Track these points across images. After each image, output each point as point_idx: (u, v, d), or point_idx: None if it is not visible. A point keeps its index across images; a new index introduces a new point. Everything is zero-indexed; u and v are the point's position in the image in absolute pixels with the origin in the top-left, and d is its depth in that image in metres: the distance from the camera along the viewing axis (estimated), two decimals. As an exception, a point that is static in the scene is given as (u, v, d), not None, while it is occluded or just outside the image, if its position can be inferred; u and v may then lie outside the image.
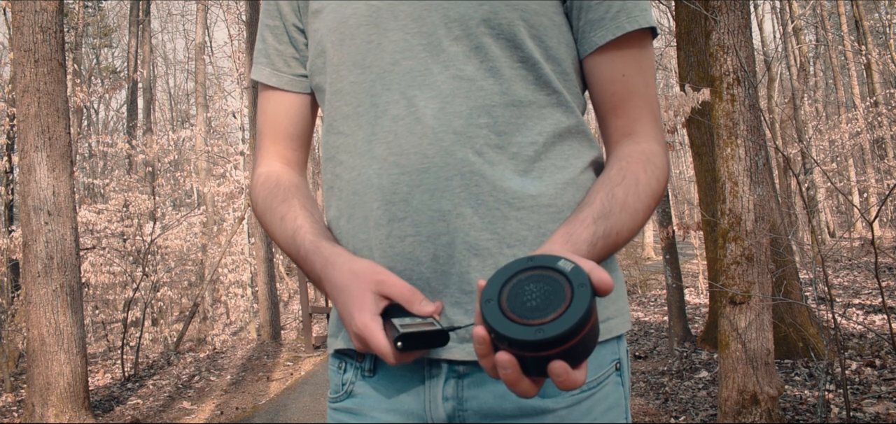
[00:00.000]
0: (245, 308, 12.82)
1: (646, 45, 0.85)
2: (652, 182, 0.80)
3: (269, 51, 0.95)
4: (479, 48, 0.79)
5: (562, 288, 0.58)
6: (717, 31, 3.29)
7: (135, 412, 5.89)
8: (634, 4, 0.82)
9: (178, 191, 16.35)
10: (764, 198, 3.29)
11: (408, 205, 0.78)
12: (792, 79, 16.20)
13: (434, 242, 0.78)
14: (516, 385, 0.59)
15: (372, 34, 0.83)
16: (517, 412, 0.79)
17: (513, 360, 0.57)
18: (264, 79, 0.95)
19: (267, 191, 0.91)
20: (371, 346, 0.71)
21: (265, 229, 0.92)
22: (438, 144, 0.78)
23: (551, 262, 0.60)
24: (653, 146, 0.83)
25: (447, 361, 0.80)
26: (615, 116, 0.85)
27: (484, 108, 0.79)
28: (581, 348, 0.57)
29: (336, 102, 0.86)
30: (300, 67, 0.94)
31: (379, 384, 0.84)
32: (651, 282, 12.96)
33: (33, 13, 4.86)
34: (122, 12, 22.05)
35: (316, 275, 0.81)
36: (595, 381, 0.82)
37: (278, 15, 0.94)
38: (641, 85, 0.84)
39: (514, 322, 0.57)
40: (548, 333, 0.55)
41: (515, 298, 0.59)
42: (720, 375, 3.35)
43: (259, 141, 0.98)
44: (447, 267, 0.78)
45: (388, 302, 0.74)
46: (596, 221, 0.74)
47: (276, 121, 0.95)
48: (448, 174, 0.78)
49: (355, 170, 0.83)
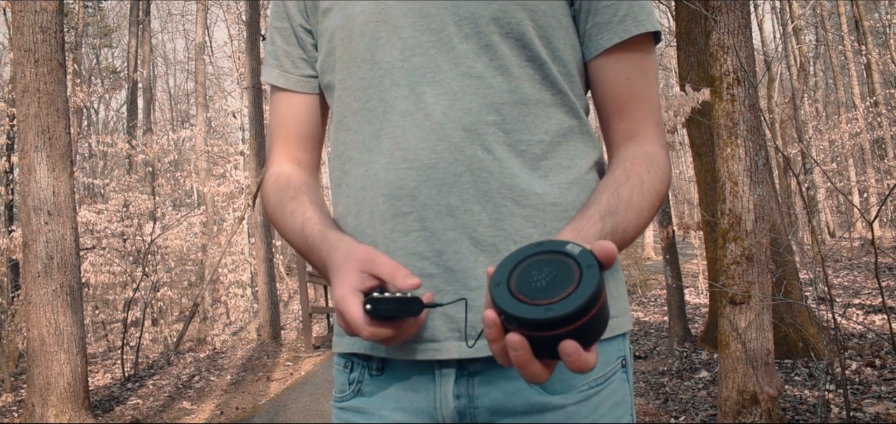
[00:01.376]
0: (245, 308, 12.82)
1: (650, 50, 0.87)
2: (655, 182, 0.81)
3: (278, 52, 0.95)
4: (489, 46, 0.80)
5: (570, 270, 0.58)
6: (717, 31, 3.29)
7: (135, 412, 5.89)
8: (640, 9, 0.84)
9: (178, 191, 16.35)
10: (764, 198, 3.29)
11: (414, 200, 0.79)
12: (792, 79, 16.20)
13: (440, 238, 0.78)
14: (527, 367, 0.59)
15: (381, 31, 0.83)
16: (527, 408, 0.79)
17: (523, 341, 0.57)
18: (274, 81, 0.95)
19: (278, 189, 0.92)
20: (346, 317, 0.71)
21: (276, 227, 0.92)
22: (447, 140, 0.78)
23: (560, 247, 0.60)
24: (655, 148, 0.85)
25: (457, 360, 0.80)
26: (619, 118, 0.86)
27: (493, 106, 0.80)
28: (591, 328, 0.57)
29: (345, 98, 0.86)
30: (308, 68, 0.94)
31: (387, 382, 0.84)
32: (651, 282, 12.96)
33: (33, 13, 4.86)
34: (122, 12, 22.06)
35: (322, 263, 0.81)
36: (603, 377, 0.82)
37: (286, 16, 0.95)
38: (645, 88, 0.86)
39: (524, 302, 0.57)
40: (557, 311, 0.55)
41: (524, 281, 0.59)
42: (720, 375, 3.35)
43: (270, 142, 0.98)
44: (452, 263, 0.78)
45: (377, 281, 0.73)
46: (603, 218, 0.74)
47: (287, 122, 0.96)
48: (457, 170, 0.78)
49: (363, 166, 0.83)
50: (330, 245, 0.80)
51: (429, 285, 0.79)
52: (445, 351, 0.79)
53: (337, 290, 0.73)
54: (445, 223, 0.78)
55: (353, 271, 0.73)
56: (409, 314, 0.70)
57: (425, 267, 0.78)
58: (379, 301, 0.69)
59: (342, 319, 0.72)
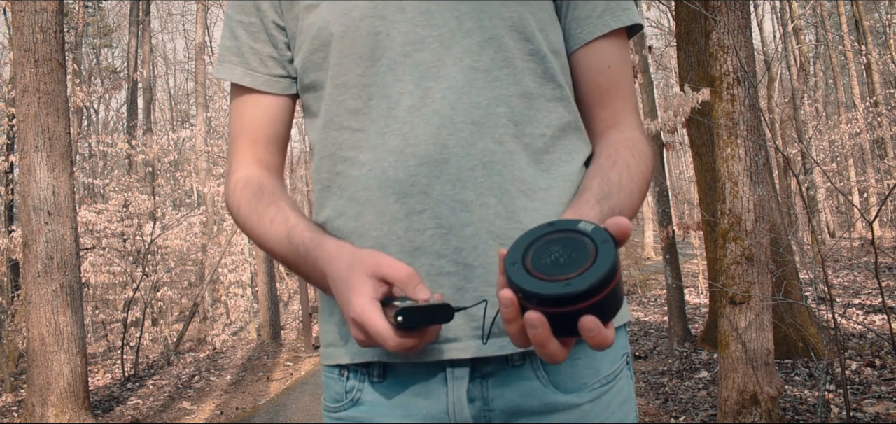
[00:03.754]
0: (245, 308, 12.82)
1: (626, 40, 0.89)
2: (641, 165, 0.82)
3: (243, 49, 0.90)
4: (493, 39, 0.80)
5: (585, 247, 0.58)
6: (717, 31, 3.29)
7: (135, 412, 5.89)
8: (617, 5, 0.86)
9: (178, 191, 16.34)
10: (764, 198, 3.29)
11: (427, 197, 0.77)
12: (792, 79, 16.19)
13: (457, 234, 0.76)
14: (546, 345, 0.58)
15: (379, 26, 0.80)
16: (543, 408, 0.78)
17: (542, 318, 0.56)
18: (237, 79, 0.90)
19: (249, 194, 0.87)
20: (369, 330, 0.67)
21: (250, 235, 0.87)
22: (458, 134, 0.77)
23: (572, 225, 0.60)
24: (636, 134, 0.86)
25: (471, 360, 0.78)
26: (601, 107, 0.87)
27: (501, 98, 0.79)
28: (609, 303, 0.57)
29: (340, 97, 0.83)
30: (278, 67, 0.90)
31: (390, 390, 0.81)
32: (651, 282, 12.95)
33: (33, 13, 4.86)
34: (122, 12, 22.05)
35: (319, 272, 0.77)
36: (612, 374, 0.82)
37: (256, 11, 0.89)
38: (624, 77, 0.88)
39: (542, 279, 0.57)
40: (576, 286, 0.55)
41: (540, 259, 0.59)
42: (720, 375, 3.35)
43: (233, 145, 0.93)
44: (471, 260, 0.76)
45: (389, 287, 0.70)
46: (599, 201, 0.74)
47: (254, 124, 0.91)
48: (470, 164, 0.77)
49: (364, 166, 0.80)
50: (328, 254, 0.76)
51: (447, 283, 0.76)
52: (457, 351, 0.77)
53: (355, 302, 0.68)
54: (462, 218, 0.76)
55: (365, 280, 0.70)
56: (440, 322, 0.68)
57: (443, 265, 0.76)
58: (410, 311, 0.66)
59: (360, 331, 0.68)
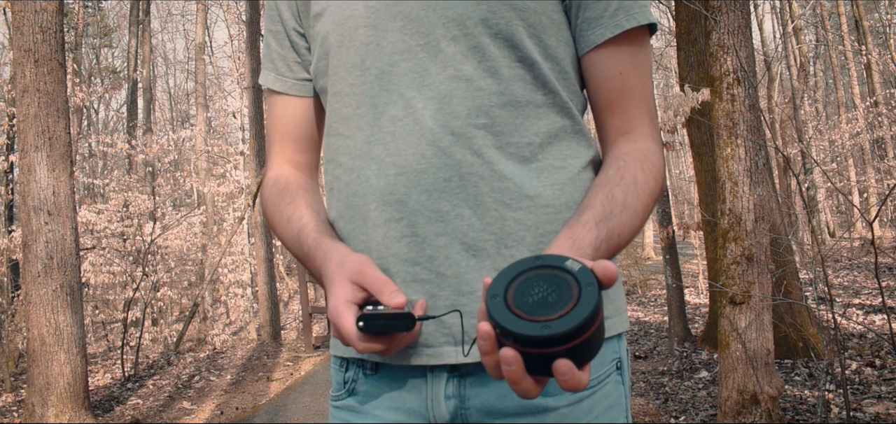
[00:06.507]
0: (245, 308, 12.82)
1: (644, 44, 0.85)
2: (650, 180, 0.80)
3: (273, 55, 0.95)
4: (477, 48, 0.79)
5: (569, 287, 0.57)
6: (717, 31, 3.29)
7: (135, 412, 5.89)
8: (632, 3, 0.82)
9: (178, 191, 16.36)
10: (764, 198, 3.29)
11: (404, 206, 0.78)
12: (792, 79, 16.19)
13: (431, 243, 0.78)
14: (519, 383, 0.58)
15: (371, 35, 0.83)
16: (519, 410, 0.79)
17: (517, 356, 0.56)
18: (269, 85, 0.96)
19: (275, 193, 0.92)
20: (340, 330, 0.72)
21: (274, 232, 0.93)
22: (436, 145, 0.78)
23: (559, 262, 0.59)
24: (649, 144, 0.83)
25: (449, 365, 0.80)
26: (612, 114, 0.85)
27: (482, 109, 0.79)
28: (587, 347, 0.56)
29: (336, 104, 0.87)
30: (302, 71, 0.94)
31: (381, 382, 0.84)
32: (651, 282, 12.95)
33: (33, 13, 4.86)
34: (122, 12, 22.06)
35: (317, 270, 0.82)
36: (596, 380, 0.82)
37: (279, 19, 0.94)
38: (639, 83, 0.84)
39: (521, 318, 0.57)
40: (554, 329, 0.54)
41: (522, 295, 0.58)
42: (720, 375, 3.35)
43: (268, 145, 0.99)
44: (443, 269, 0.78)
45: (367, 293, 0.74)
46: (598, 224, 0.73)
47: (283, 126, 0.96)
48: (446, 174, 0.78)
49: (354, 172, 0.83)
50: (324, 253, 0.80)
51: (421, 290, 0.78)
52: (439, 357, 0.79)
53: (330, 302, 0.74)
54: (436, 228, 0.78)
55: (344, 283, 0.74)
56: (401, 329, 0.71)
57: (417, 273, 0.78)
58: (371, 317, 0.69)
59: (336, 331, 0.74)
